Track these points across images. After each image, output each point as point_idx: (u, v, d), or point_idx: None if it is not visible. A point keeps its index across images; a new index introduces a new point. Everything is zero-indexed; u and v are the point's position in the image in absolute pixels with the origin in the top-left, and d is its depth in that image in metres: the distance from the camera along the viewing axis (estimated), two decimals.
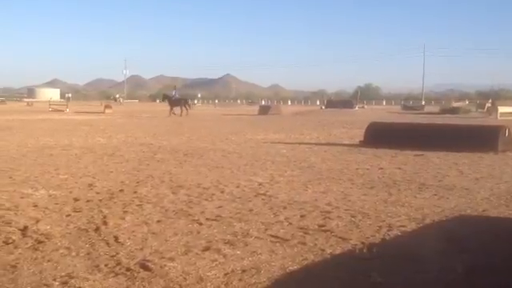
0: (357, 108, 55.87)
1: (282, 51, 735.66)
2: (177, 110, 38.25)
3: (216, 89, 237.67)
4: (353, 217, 6.21)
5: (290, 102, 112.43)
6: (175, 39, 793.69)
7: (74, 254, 4.77)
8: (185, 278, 4.09)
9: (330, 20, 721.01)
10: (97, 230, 5.62)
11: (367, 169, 10.53)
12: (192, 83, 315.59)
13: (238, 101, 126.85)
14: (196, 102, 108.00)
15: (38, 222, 5.94)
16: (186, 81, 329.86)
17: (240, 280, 4.06)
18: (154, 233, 5.50)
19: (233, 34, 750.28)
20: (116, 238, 5.26)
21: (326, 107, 56.72)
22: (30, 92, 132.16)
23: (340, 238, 5.28)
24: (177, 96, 40.87)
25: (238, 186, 8.36)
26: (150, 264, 4.41)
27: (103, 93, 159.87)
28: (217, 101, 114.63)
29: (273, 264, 4.43)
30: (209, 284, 3.98)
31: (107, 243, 5.11)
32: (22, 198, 7.39)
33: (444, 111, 48.05)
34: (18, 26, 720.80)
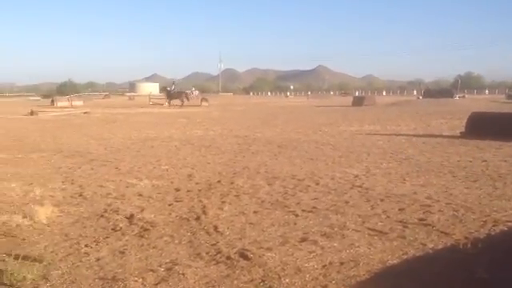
0: (457, 98, 53.25)
1: (376, 40, 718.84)
2: (175, 101, 42.96)
3: (308, 80, 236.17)
4: (455, 211, 5.97)
5: (384, 93, 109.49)
6: (268, 32, 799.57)
7: (176, 241, 4.99)
8: (283, 269, 4.14)
9: (427, 5, 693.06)
10: (197, 219, 5.83)
11: (469, 161, 10.05)
12: (285, 75, 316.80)
13: (331, 92, 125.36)
14: (288, 93, 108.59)
15: (142, 210, 6.26)
16: (279, 73, 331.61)
17: (338, 272, 4.04)
18: (251, 223, 5.61)
19: (325, 25, 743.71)
20: (215, 228, 5.43)
21: (424, 97, 54.62)
22: (132, 86, 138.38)
23: (442, 232, 5.10)
24: (175, 89, 46.00)
25: (333, 178, 8.31)
26: (248, 253, 4.50)
27: (199, 86, 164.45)
28: (309, 92, 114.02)
29: (371, 257, 4.37)
30: (307, 275, 4.00)
31: (207, 232, 5.29)
32: (127, 187, 7.82)
33: None
34: (120, 25, 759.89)
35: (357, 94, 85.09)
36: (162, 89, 49.98)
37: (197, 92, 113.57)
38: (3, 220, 5.74)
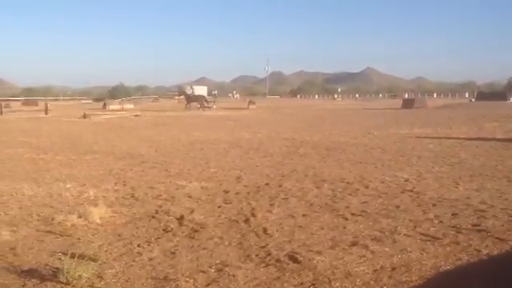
0: (511, 100, 51.55)
1: (427, 41, 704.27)
2: (194, 105, 43.40)
3: (357, 82, 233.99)
4: (511, 216, 5.78)
5: (435, 95, 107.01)
6: (316, 35, 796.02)
7: (226, 243, 5.04)
8: (333, 272, 4.11)
9: (480, 5, 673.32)
10: (246, 221, 5.86)
11: None
12: (332, 77, 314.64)
13: (380, 94, 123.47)
14: (336, 96, 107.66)
15: (192, 212, 6.35)
16: (327, 75, 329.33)
17: (390, 277, 3.98)
18: (300, 226, 5.60)
19: (374, 26, 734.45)
20: (265, 230, 5.45)
21: (476, 100, 53.17)
22: (180, 90, 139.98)
23: (497, 238, 4.94)
24: (194, 93, 46.92)
25: (382, 182, 8.20)
26: (298, 256, 4.50)
27: (247, 89, 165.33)
28: (357, 95, 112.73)
29: (424, 263, 4.28)
30: (358, 279, 3.96)
31: (256, 234, 5.31)
32: (177, 189, 7.95)
33: None
34: (168, 30, 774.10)
35: (406, 96, 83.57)
36: (180, 92, 51.26)
37: (238, 95, 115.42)
38: (59, 220, 5.93)
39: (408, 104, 43.68)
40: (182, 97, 50.34)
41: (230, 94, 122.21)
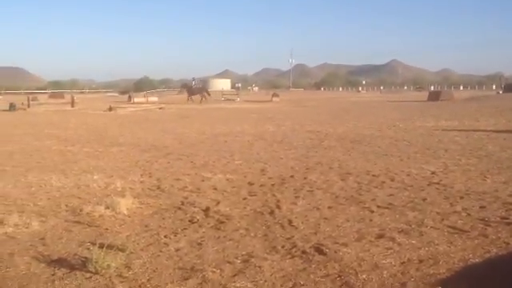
0: None
1: (453, 33, 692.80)
2: (195, 97, 43.84)
3: (381, 75, 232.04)
4: None
5: (461, 87, 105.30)
6: (340, 27, 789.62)
7: (252, 234, 5.06)
8: (360, 264, 4.09)
9: None
10: (271, 213, 5.88)
11: None
12: (357, 70, 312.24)
13: (405, 87, 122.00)
14: (360, 88, 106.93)
15: (218, 203, 6.39)
16: (351, 68, 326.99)
17: (417, 270, 3.95)
18: (325, 218, 5.58)
19: (398, 18, 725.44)
20: (290, 222, 5.45)
21: (504, 92, 52.04)
22: (204, 83, 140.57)
23: None
24: (196, 86, 47.01)
25: (408, 174, 8.12)
26: (324, 248, 4.49)
27: (270, 82, 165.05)
28: (382, 87, 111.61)
29: (452, 255, 4.24)
30: (385, 272, 3.94)
31: (282, 226, 5.32)
32: (202, 181, 7.99)
33: None
34: (192, 24, 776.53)
35: (432, 88, 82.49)
36: (183, 85, 51.09)
37: (256, 88, 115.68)
38: (87, 210, 6.03)
39: (434, 96, 42.99)
40: (183, 89, 50.40)
41: (249, 88, 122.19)
